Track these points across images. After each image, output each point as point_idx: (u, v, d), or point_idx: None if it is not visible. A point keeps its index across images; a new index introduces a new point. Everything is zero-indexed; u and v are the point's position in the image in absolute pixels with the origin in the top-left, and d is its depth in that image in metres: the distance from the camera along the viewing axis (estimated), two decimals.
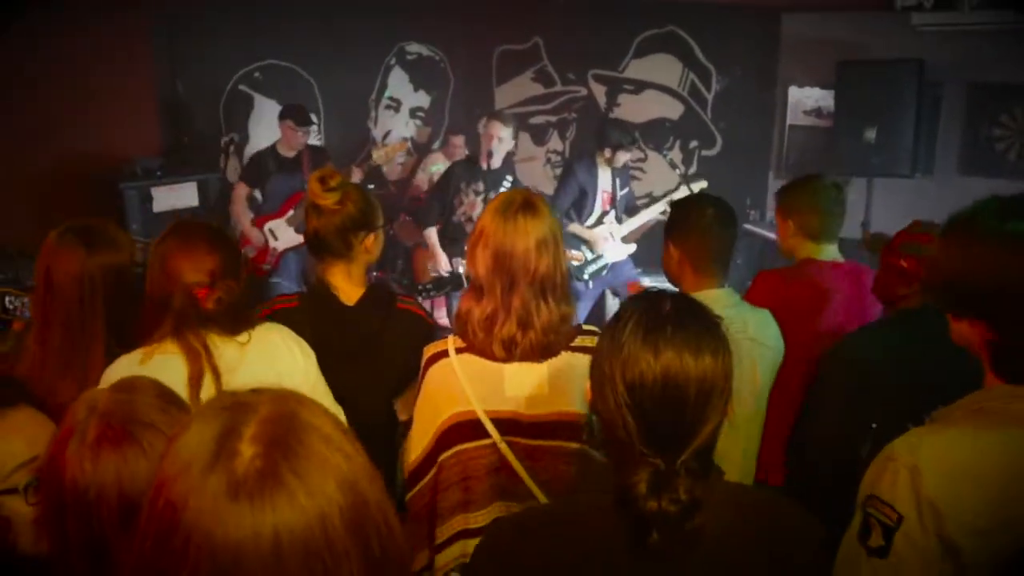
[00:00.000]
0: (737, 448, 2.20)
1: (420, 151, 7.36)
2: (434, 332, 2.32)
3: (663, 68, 6.57)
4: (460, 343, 1.94)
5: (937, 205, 5.05)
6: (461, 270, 4.51)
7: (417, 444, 1.94)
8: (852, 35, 5.35)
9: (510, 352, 1.87)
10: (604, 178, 5.07)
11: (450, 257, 4.87)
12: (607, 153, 4.93)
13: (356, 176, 5.41)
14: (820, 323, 2.61)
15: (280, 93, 6.29)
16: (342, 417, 2.00)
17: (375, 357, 2.21)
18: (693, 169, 6.39)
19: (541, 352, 1.87)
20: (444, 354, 1.94)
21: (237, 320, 1.90)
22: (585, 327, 1.97)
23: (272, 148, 5.30)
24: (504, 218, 1.85)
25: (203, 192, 5.49)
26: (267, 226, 5.25)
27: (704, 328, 1.24)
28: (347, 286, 2.26)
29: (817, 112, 5.82)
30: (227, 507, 0.77)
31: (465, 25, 7.35)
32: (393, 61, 7.22)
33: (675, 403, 1.19)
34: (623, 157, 4.98)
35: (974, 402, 1.40)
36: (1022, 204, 1.38)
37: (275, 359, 1.92)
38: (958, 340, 1.44)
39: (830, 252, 2.78)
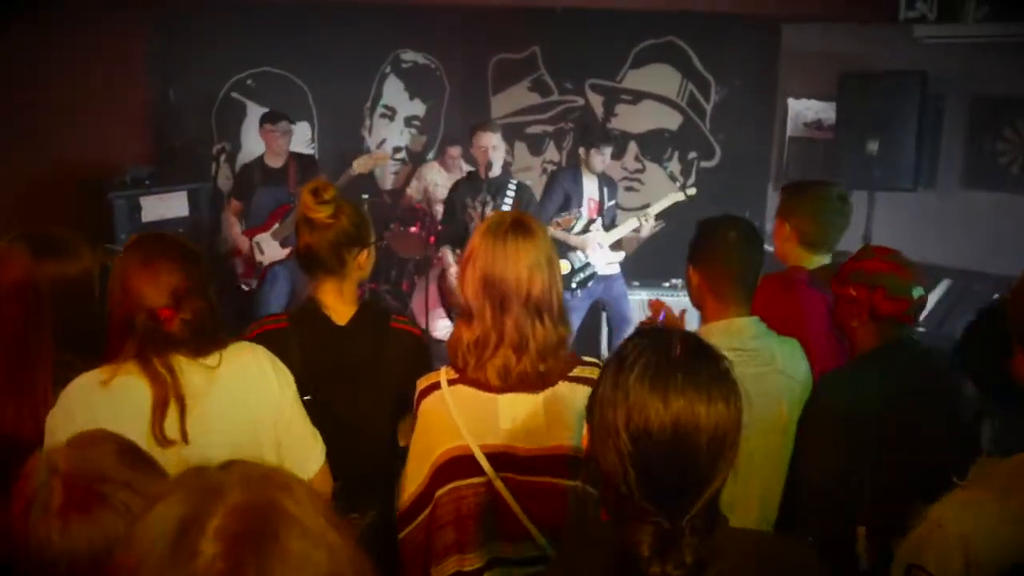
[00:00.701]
0: (753, 492, 2.05)
1: (415, 160, 7.27)
2: (430, 352, 2.23)
3: (661, 78, 6.51)
4: (452, 374, 1.85)
5: (939, 219, 5.10)
6: None
7: (411, 481, 1.86)
8: (853, 46, 5.29)
9: (504, 380, 1.77)
10: (590, 186, 5.03)
11: None
12: (581, 153, 4.94)
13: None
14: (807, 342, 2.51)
15: (273, 101, 6.19)
16: (321, 451, 1.91)
17: (370, 380, 2.11)
18: (692, 180, 6.32)
19: (537, 381, 1.78)
20: (436, 386, 1.85)
21: (206, 341, 1.77)
22: (586, 359, 1.88)
23: (259, 159, 5.24)
24: (494, 239, 1.77)
25: (193, 202, 5.38)
26: (254, 239, 5.17)
27: (716, 373, 1.14)
28: (339, 304, 2.16)
29: (817, 124, 5.75)
30: None
31: (461, 33, 7.28)
32: (388, 69, 7.13)
33: (684, 455, 1.09)
34: (598, 158, 4.92)
35: (1021, 465, 1.32)
36: None
37: (247, 384, 1.80)
38: (1018, 374, 1.37)
39: (817, 262, 2.70)
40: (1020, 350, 1.38)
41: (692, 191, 5.10)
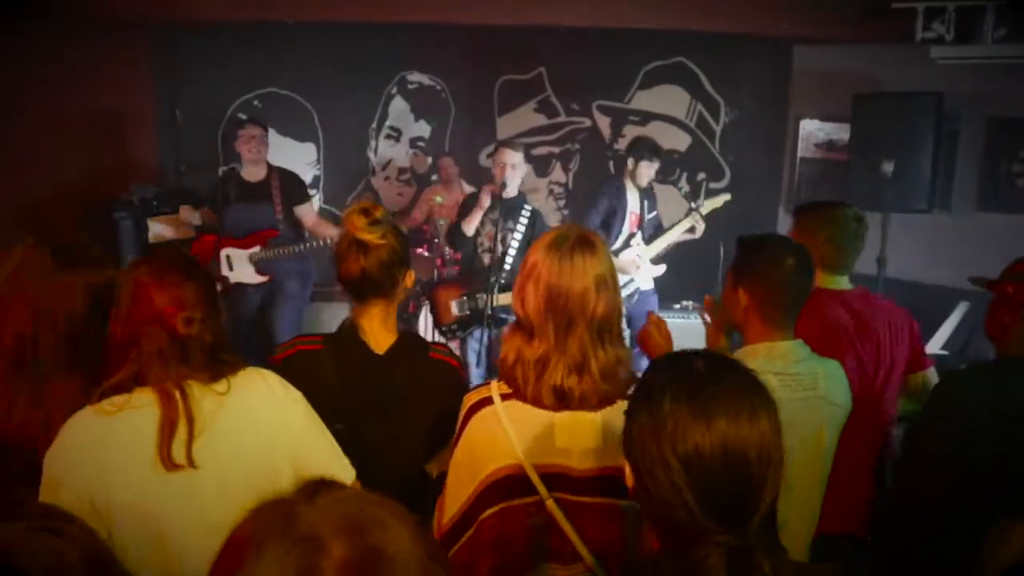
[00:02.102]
0: (803, 518, 2.02)
1: (420, 182, 7.22)
2: (467, 385, 2.14)
3: (670, 99, 6.50)
4: (505, 389, 1.76)
5: (955, 241, 5.04)
6: (480, 306, 4.29)
7: (452, 504, 1.76)
8: (866, 67, 5.27)
9: (563, 401, 1.70)
10: (632, 199, 5.01)
11: (469, 294, 4.61)
12: (629, 165, 4.92)
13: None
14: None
15: (280, 121, 6.15)
16: (351, 475, 1.83)
17: (406, 412, 2.03)
18: (701, 201, 6.27)
19: (598, 401, 1.71)
20: (488, 401, 1.76)
21: (215, 363, 1.69)
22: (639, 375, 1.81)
23: (235, 171, 4.91)
24: (559, 255, 1.70)
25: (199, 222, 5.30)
26: (225, 252, 4.81)
27: (748, 384, 1.14)
28: (381, 331, 2.08)
29: (828, 145, 5.72)
30: None
31: (467, 55, 7.26)
32: (394, 90, 7.10)
33: (738, 472, 1.09)
34: (646, 171, 4.92)
35: None
36: None
37: (257, 410, 1.72)
38: None
39: (839, 282, 2.69)
40: None
41: (726, 196, 5.18)
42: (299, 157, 6.63)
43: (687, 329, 4.88)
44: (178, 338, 1.64)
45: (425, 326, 5.39)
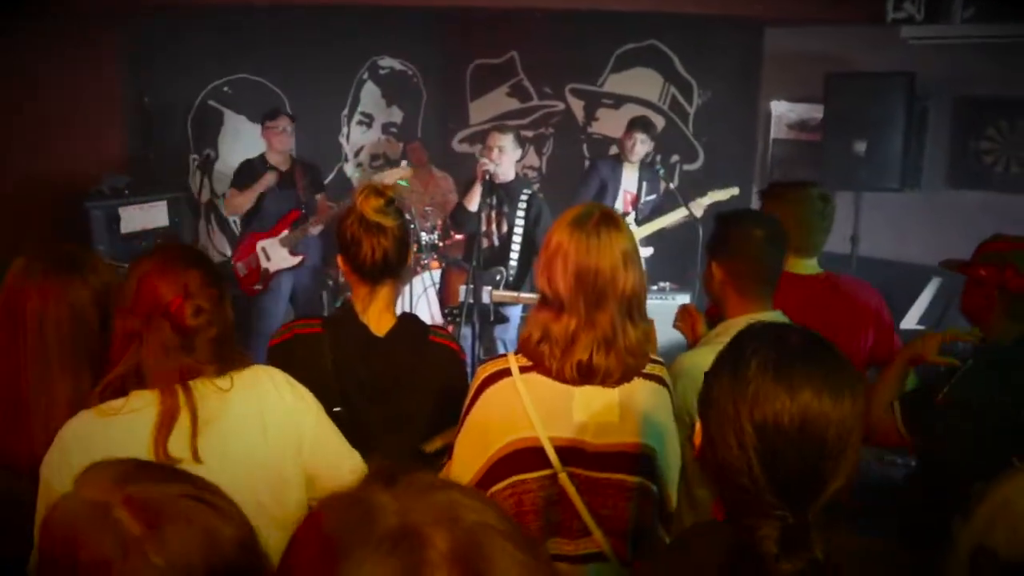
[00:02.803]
0: None
1: (393, 168, 7.17)
2: (466, 368, 2.14)
3: (643, 82, 6.51)
4: (524, 361, 1.76)
5: (926, 218, 5.13)
6: (485, 299, 4.23)
7: (461, 475, 1.75)
8: (838, 48, 5.33)
9: (586, 376, 1.71)
10: (628, 178, 4.99)
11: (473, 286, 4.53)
12: (626, 141, 4.87)
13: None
14: None
15: (251, 108, 6.06)
16: (359, 462, 1.81)
17: (405, 395, 2.01)
18: (675, 184, 6.31)
19: (620, 377, 1.73)
20: (506, 373, 1.75)
21: (221, 357, 1.66)
22: (653, 356, 1.83)
23: (261, 157, 5.07)
24: (585, 233, 1.70)
25: (174, 211, 5.23)
26: (260, 244, 4.99)
27: (839, 365, 1.12)
28: (384, 314, 2.06)
29: (801, 126, 5.78)
30: None
31: (439, 39, 7.22)
32: (366, 76, 7.04)
33: (811, 448, 1.06)
34: (640, 144, 4.89)
35: None
36: None
37: (263, 407, 1.68)
38: None
39: (807, 267, 2.67)
40: None
41: (734, 190, 5.22)
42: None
43: (663, 309, 4.91)
44: (184, 330, 1.60)
45: (402, 304, 5.37)
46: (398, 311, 2.12)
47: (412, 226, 5.98)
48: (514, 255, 4.47)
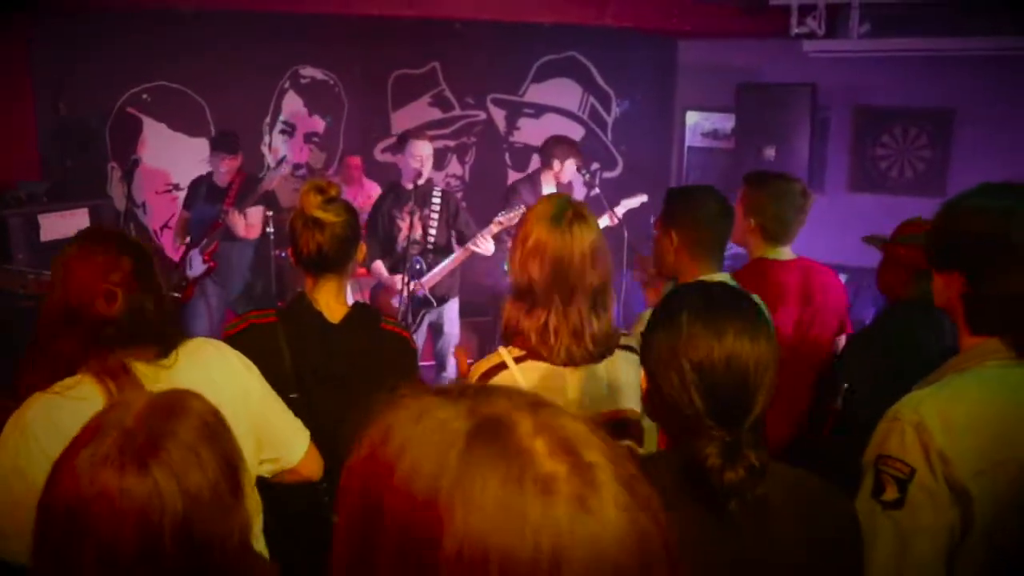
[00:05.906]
0: None
1: (316, 176, 7.17)
2: (417, 356, 2.23)
3: (563, 92, 6.71)
4: (517, 352, 1.86)
5: (831, 220, 5.46)
6: (423, 292, 4.40)
7: None
8: (747, 60, 5.64)
9: (569, 359, 1.83)
10: (549, 192, 5.11)
11: (409, 279, 4.62)
12: (555, 167, 4.99)
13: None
14: (777, 319, 2.71)
15: (171, 116, 5.99)
16: (305, 436, 1.87)
17: (360, 379, 2.07)
18: (596, 192, 6.52)
19: (598, 355, 1.86)
20: (502, 367, 1.84)
21: (162, 338, 1.65)
22: (620, 330, 1.98)
23: (208, 176, 5.11)
24: (560, 228, 1.81)
25: (96, 218, 5.10)
26: (189, 254, 5.05)
27: (753, 309, 1.34)
28: (335, 303, 2.14)
29: (714, 134, 6.09)
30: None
31: (360, 49, 7.24)
32: (287, 85, 7.02)
33: (738, 380, 1.27)
34: (571, 169, 5.04)
35: (958, 363, 1.57)
36: (997, 186, 1.58)
37: (210, 377, 1.68)
38: (939, 298, 1.63)
39: (783, 253, 2.87)
40: (936, 274, 1.62)
41: (643, 197, 5.32)
42: (191, 153, 6.46)
43: None
44: (115, 315, 1.58)
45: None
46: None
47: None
48: (431, 242, 4.64)
